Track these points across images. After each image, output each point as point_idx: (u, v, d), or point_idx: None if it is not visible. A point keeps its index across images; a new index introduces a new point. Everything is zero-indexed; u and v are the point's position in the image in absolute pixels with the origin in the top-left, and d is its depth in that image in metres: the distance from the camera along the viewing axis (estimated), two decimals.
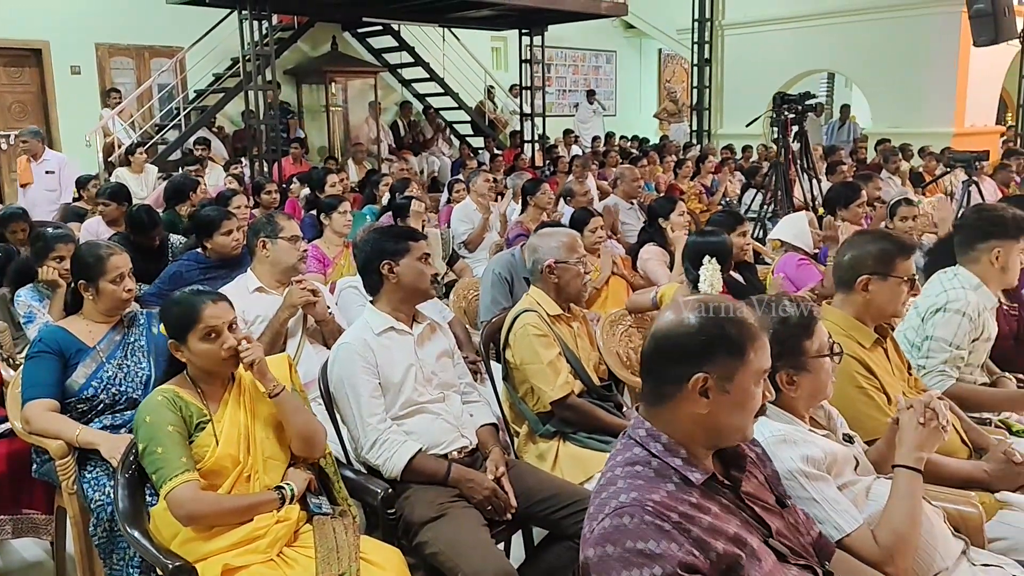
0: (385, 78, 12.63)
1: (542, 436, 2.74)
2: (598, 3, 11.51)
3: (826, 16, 12.42)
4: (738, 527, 1.45)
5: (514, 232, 5.18)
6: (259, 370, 2.17)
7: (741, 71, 13.65)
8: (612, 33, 16.69)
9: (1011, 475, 2.24)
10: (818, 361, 1.91)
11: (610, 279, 4.38)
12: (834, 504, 1.75)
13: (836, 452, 1.87)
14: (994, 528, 2.13)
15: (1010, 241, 2.76)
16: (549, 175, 10.33)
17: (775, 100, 7.06)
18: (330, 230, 4.59)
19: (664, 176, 9.70)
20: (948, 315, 2.71)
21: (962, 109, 11.72)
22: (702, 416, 1.46)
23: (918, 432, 1.84)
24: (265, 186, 6.64)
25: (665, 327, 1.50)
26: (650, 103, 17.57)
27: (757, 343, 1.48)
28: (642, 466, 1.46)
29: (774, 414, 1.91)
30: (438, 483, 2.35)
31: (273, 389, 2.17)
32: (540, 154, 12.13)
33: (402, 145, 12.23)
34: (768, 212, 7.03)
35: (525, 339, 2.73)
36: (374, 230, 2.65)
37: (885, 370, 2.39)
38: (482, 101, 13.27)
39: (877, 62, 12.13)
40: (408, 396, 2.44)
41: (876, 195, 5.96)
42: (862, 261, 2.38)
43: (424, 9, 10.46)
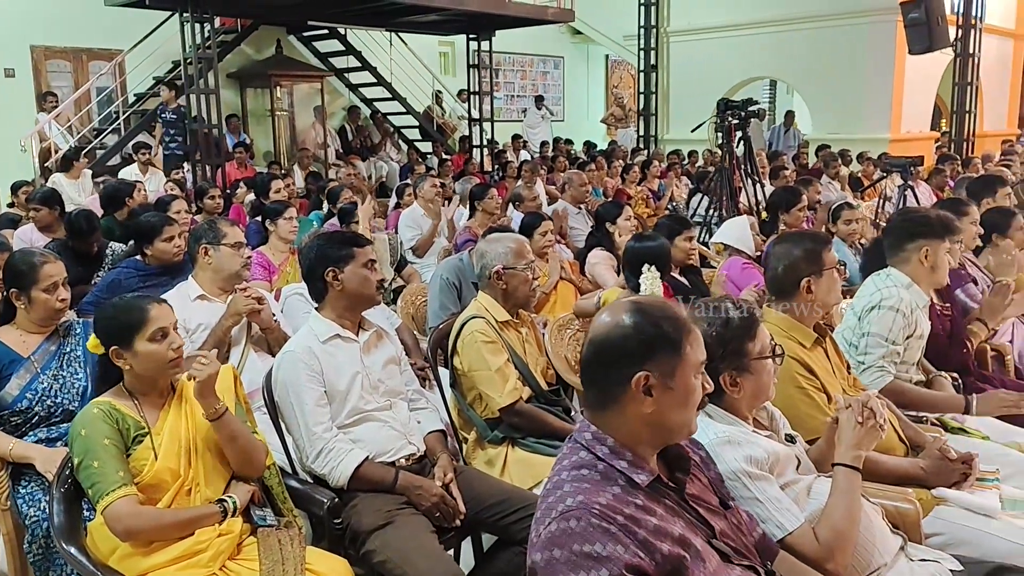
0: (332, 82, 12.52)
1: (491, 442, 2.73)
2: (545, 9, 11.59)
3: (767, 24, 12.69)
4: (683, 528, 1.46)
5: (462, 237, 5.17)
6: (201, 391, 2.10)
7: (686, 77, 13.86)
8: (560, 39, 16.80)
9: (946, 471, 2.30)
10: (760, 362, 1.95)
11: (558, 284, 4.39)
12: (776, 503, 1.79)
13: (778, 452, 1.90)
14: (931, 524, 2.19)
15: (936, 240, 2.86)
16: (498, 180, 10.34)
17: (719, 106, 7.18)
18: (276, 236, 4.53)
19: (612, 181, 9.79)
20: (883, 312, 2.80)
21: (898, 116, 12.07)
22: (648, 415, 1.48)
23: (856, 431, 1.89)
24: (208, 191, 6.51)
25: (602, 332, 1.51)
26: (598, 108, 17.73)
27: (691, 336, 1.51)
28: (588, 469, 1.47)
29: (718, 416, 1.93)
30: (385, 491, 2.33)
31: (214, 412, 2.11)
32: (489, 159, 12.15)
33: (350, 150, 12.13)
34: (714, 217, 7.14)
35: (473, 346, 2.72)
36: (317, 237, 2.62)
37: (825, 370, 2.44)
38: (430, 106, 13.24)
39: (816, 70, 12.44)
40: (354, 404, 2.42)
41: (817, 199, 6.10)
42: (795, 266, 2.44)
43: (370, 13, 10.40)
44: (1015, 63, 15.11)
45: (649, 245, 3.45)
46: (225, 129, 9.94)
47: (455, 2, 10.04)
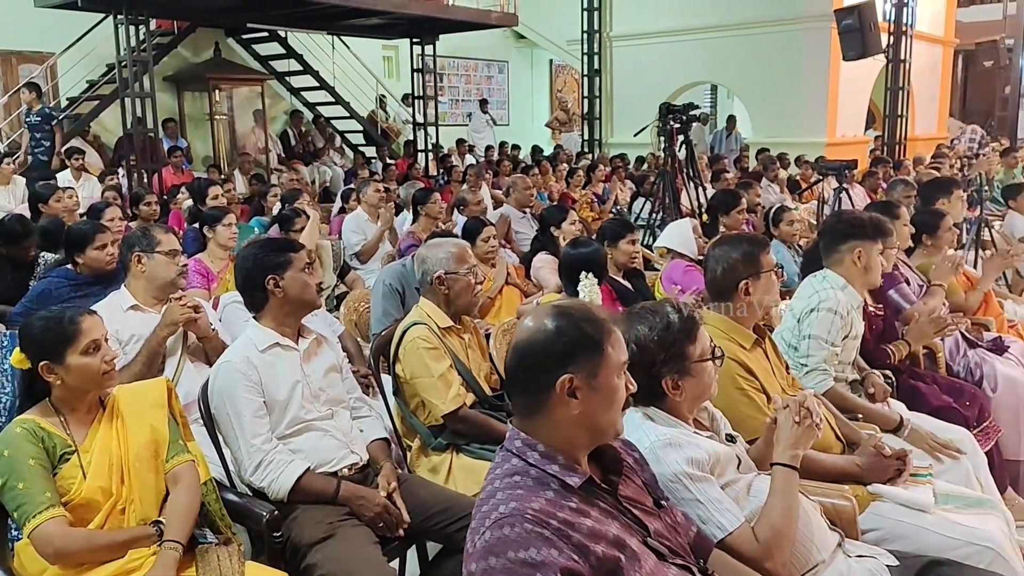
0: (273, 86, 12.33)
1: (434, 449, 2.71)
2: (488, 13, 11.60)
3: (708, 30, 12.90)
4: (618, 530, 1.47)
5: (406, 243, 5.13)
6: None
7: (630, 82, 14.00)
8: (504, 43, 16.83)
9: (881, 468, 2.35)
10: (701, 365, 1.97)
11: (503, 288, 4.39)
12: (717, 504, 1.80)
13: (719, 453, 1.92)
14: (867, 520, 2.24)
15: (869, 241, 2.93)
16: (443, 184, 10.31)
17: (661, 111, 7.27)
18: (214, 243, 4.43)
19: (557, 185, 9.84)
20: (821, 314, 2.85)
21: (834, 120, 12.38)
22: (575, 417, 1.49)
23: (793, 430, 1.92)
24: (144, 197, 6.35)
25: (524, 338, 1.52)
26: (542, 112, 17.81)
27: (612, 337, 1.53)
28: (520, 476, 1.47)
29: (660, 418, 1.94)
30: (327, 502, 2.29)
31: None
32: (434, 163, 12.10)
33: (292, 155, 11.96)
34: (657, 219, 7.22)
35: (415, 353, 2.69)
36: (251, 245, 2.57)
37: (765, 371, 2.48)
38: (374, 110, 13.14)
39: (755, 75, 12.68)
40: (295, 414, 2.37)
41: (756, 202, 6.22)
42: (734, 269, 2.47)
43: (311, 16, 10.28)
44: (944, 69, 15.62)
45: (584, 251, 3.46)
46: (162, 133, 9.71)
47: (397, 6, 9.99)
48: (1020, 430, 3.42)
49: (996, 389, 3.47)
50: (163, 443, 2.14)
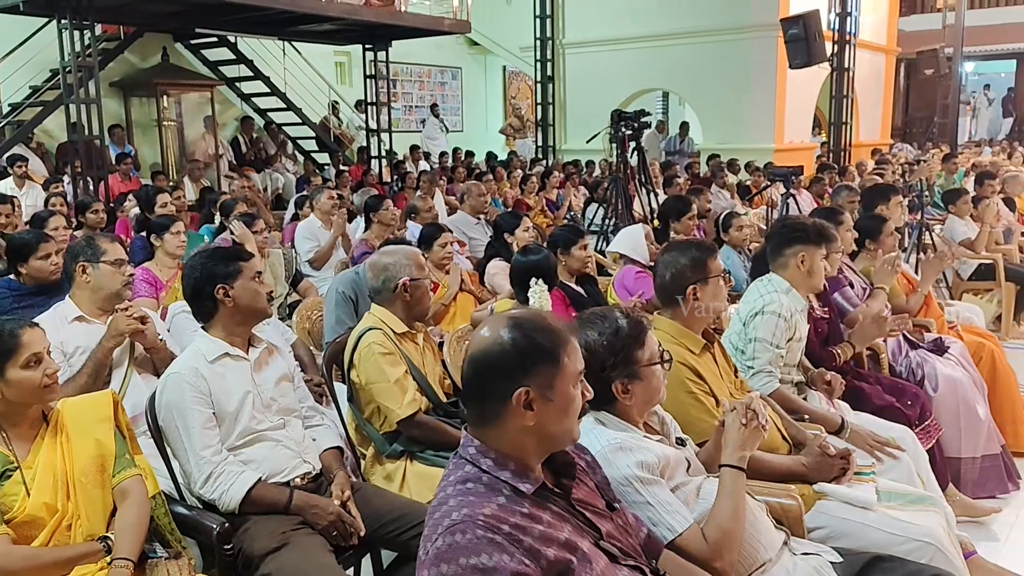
0: (223, 92, 12.16)
1: (389, 457, 2.70)
2: (441, 20, 11.59)
3: (658, 38, 13.07)
4: (570, 533, 1.49)
5: (359, 250, 5.10)
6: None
7: (582, 88, 14.13)
8: (457, 50, 16.85)
9: (826, 467, 2.42)
10: (650, 369, 2.00)
11: (458, 295, 4.39)
12: (667, 506, 1.83)
13: (669, 456, 1.96)
14: (813, 518, 2.30)
15: (812, 247, 3.01)
16: (397, 191, 10.28)
17: (613, 117, 7.35)
18: (162, 252, 4.35)
19: (511, 191, 9.87)
20: (766, 317, 2.92)
21: (781, 126, 12.64)
22: (530, 427, 1.50)
23: (740, 432, 1.96)
24: (91, 205, 6.21)
25: (480, 349, 1.52)
26: (496, 119, 17.86)
27: (568, 347, 1.54)
28: (473, 483, 1.48)
29: (610, 422, 1.97)
30: (280, 512, 2.27)
31: None
32: (388, 170, 12.05)
33: (243, 161, 11.80)
34: (610, 225, 7.29)
35: (371, 358, 2.68)
36: (199, 254, 2.53)
37: (713, 374, 2.52)
38: (326, 116, 13.04)
39: (705, 82, 12.90)
40: (246, 424, 2.35)
41: (707, 208, 6.32)
42: (682, 274, 2.51)
43: (261, 22, 10.16)
44: (887, 76, 16.07)
45: (534, 259, 3.49)
46: (108, 140, 9.51)
47: (349, 12, 9.93)
48: (960, 428, 3.53)
49: (937, 389, 3.58)
50: (109, 457, 2.11)
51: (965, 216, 6.25)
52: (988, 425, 3.59)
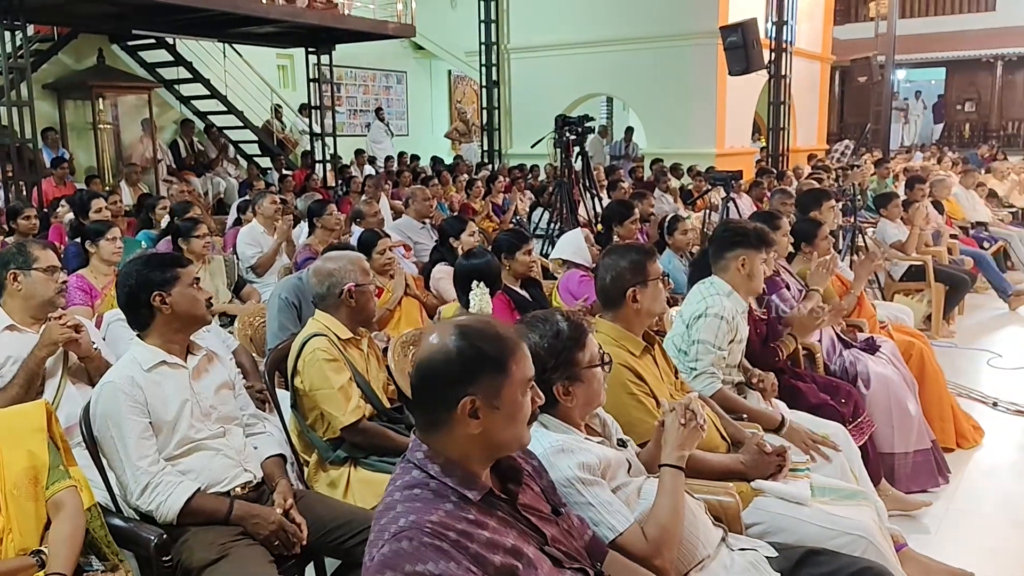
0: (161, 94, 11.92)
1: (332, 463, 2.68)
2: (385, 24, 11.54)
3: (601, 44, 13.22)
4: (515, 539, 1.50)
5: (303, 255, 5.05)
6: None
7: (528, 93, 14.21)
8: (402, 53, 16.80)
9: (763, 464, 2.48)
10: (591, 371, 2.03)
11: (403, 300, 4.37)
12: (608, 506, 1.86)
13: (610, 457, 1.99)
14: (750, 514, 2.35)
15: (752, 250, 3.08)
16: (342, 195, 10.19)
17: (557, 122, 7.41)
18: (97, 258, 4.25)
19: (457, 196, 9.87)
20: (708, 319, 2.98)
21: (722, 132, 12.89)
22: (476, 435, 1.50)
23: (679, 433, 2.00)
24: (23, 211, 6.02)
25: (426, 356, 1.52)
26: (442, 123, 17.84)
27: (518, 355, 1.54)
28: (420, 488, 1.48)
29: (552, 425, 1.99)
30: (220, 523, 2.24)
31: None
32: (332, 174, 11.94)
33: (183, 165, 11.57)
34: (556, 229, 7.35)
35: (315, 364, 2.66)
36: (134, 260, 2.48)
37: (654, 376, 2.57)
38: (269, 120, 12.87)
39: (648, 88, 13.08)
40: (184, 434, 2.31)
41: (650, 211, 6.41)
42: (622, 277, 2.55)
43: (200, 24, 9.98)
44: (822, 84, 16.50)
45: (476, 263, 3.50)
46: (42, 144, 9.23)
47: (291, 15, 9.82)
48: (893, 424, 3.65)
49: (869, 386, 3.69)
50: (43, 469, 2.05)
51: (896, 219, 6.46)
52: (919, 421, 3.72)
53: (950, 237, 7.21)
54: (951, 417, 4.10)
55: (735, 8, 12.11)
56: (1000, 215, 8.96)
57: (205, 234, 4.88)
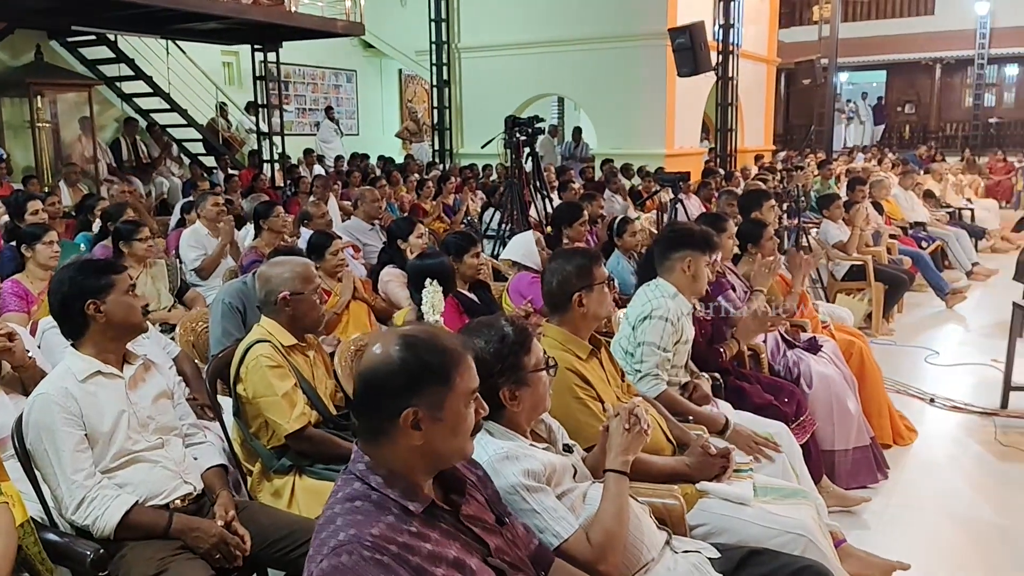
0: (102, 92, 11.60)
1: (276, 472, 2.64)
2: (334, 22, 11.41)
3: (552, 44, 13.26)
4: (458, 551, 1.49)
5: (249, 258, 4.96)
6: None
7: (479, 93, 14.19)
8: (352, 52, 16.63)
9: (708, 466, 2.51)
10: (536, 375, 2.03)
11: (351, 303, 4.33)
12: (552, 513, 1.87)
13: (555, 463, 1.99)
14: (695, 516, 2.38)
15: (698, 252, 3.12)
16: (290, 196, 10.05)
17: (507, 123, 7.40)
18: (33, 263, 4.13)
19: (407, 196, 9.81)
20: (654, 321, 3.01)
21: (672, 132, 13.02)
22: (419, 446, 1.49)
23: (624, 437, 2.01)
24: None
25: (369, 366, 1.51)
26: (392, 122, 17.71)
27: (462, 366, 1.53)
28: (362, 500, 1.47)
29: (498, 432, 1.99)
30: (159, 537, 2.18)
31: None
32: (280, 174, 11.77)
33: (125, 165, 11.29)
34: (507, 230, 7.35)
35: (258, 371, 2.61)
36: (67, 267, 2.41)
37: (600, 379, 2.59)
38: (214, 118, 12.63)
39: (598, 88, 13.16)
40: (121, 446, 2.25)
41: (599, 212, 6.45)
42: (568, 281, 2.56)
43: (142, 20, 9.75)
44: (768, 85, 16.81)
45: (431, 263, 3.49)
46: None
47: (236, 11, 9.65)
48: (833, 423, 3.74)
49: (812, 386, 3.77)
50: None
51: (838, 220, 6.61)
52: (858, 419, 3.82)
53: (889, 237, 7.40)
54: (888, 414, 4.21)
55: (683, 10, 12.25)
56: (937, 215, 9.22)
57: (147, 237, 4.77)
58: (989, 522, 3.47)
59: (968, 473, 3.95)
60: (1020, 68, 21.38)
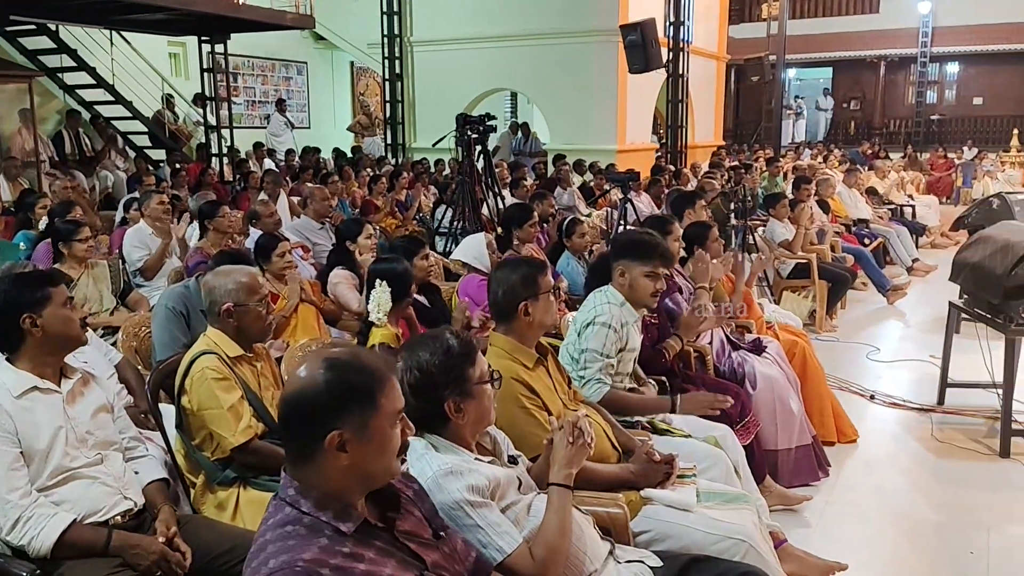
0: (44, 83, 11.26)
1: (221, 484, 2.61)
2: (283, 14, 11.23)
3: (505, 39, 13.26)
4: (394, 568, 1.51)
5: (194, 259, 4.87)
6: None
7: (432, 87, 14.12)
8: (303, 44, 16.40)
9: (652, 473, 2.56)
10: (481, 387, 2.04)
11: (299, 306, 4.28)
12: (496, 528, 1.88)
13: (499, 476, 2.00)
14: (640, 522, 2.42)
15: (632, 261, 3.15)
16: (240, 191, 9.90)
17: (458, 121, 7.39)
18: None
19: (359, 191, 9.73)
20: (596, 328, 3.05)
21: (623, 128, 13.14)
22: (346, 468, 1.50)
23: (567, 451, 2.03)
24: None
25: (294, 390, 1.52)
26: (344, 115, 17.53)
27: (387, 387, 1.55)
28: (293, 525, 1.47)
29: (442, 446, 1.99)
30: (98, 555, 2.14)
31: None
32: (229, 168, 11.57)
33: (67, 158, 10.99)
34: (459, 227, 7.34)
35: (203, 383, 2.57)
36: (1, 279, 2.35)
37: (547, 388, 2.60)
38: (160, 111, 12.36)
39: (551, 83, 13.21)
40: (58, 463, 2.20)
41: (550, 212, 6.48)
42: (513, 291, 2.57)
43: (85, 10, 9.49)
44: (718, 82, 17.04)
45: (391, 267, 3.42)
46: None
47: (182, 2, 9.43)
48: (776, 423, 3.82)
49: (756, 387, 3.85)
50: None
51: (784, 219, 6.74)
52: (800, 418, 3.90)
53: (835, 234, 7.58)
54: (831, 412, 4.32)
55: (635, 7, 12.34)
56: (880, 212, 9.46)
57: (88, 237, 4.66)
58: (925, 519, 3.59)
59: (906, 470, 4.08)
60: (960, 66, 22.03)
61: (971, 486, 3.88)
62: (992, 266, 4.21)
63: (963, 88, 22.18)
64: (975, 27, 19.52)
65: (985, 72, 21.39)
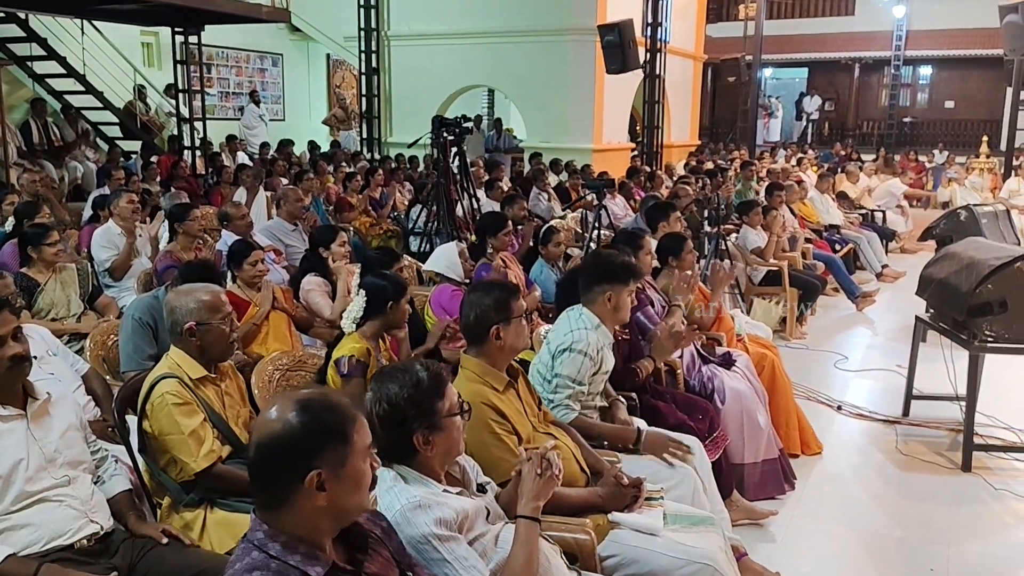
0: (12, 71, 11.06)
1: (186, 506, 2.59)
2: (259, 7, 11.11)
3: (482, 35, 13.20)
4: None
5: (163, 263, 4.79)
6: None
7: (409, 81, 14.03)
8: (278, 35, 16.23)
9: (620, 496, 2.58)
10: (450, 420, 2.04)
11: (270, 314, 4.24)
12: (463, 562, 1.89)
13: (467, 509, 2.01)
14: (607, 547, 2.44)
15: (619, 285, 3.17)
16: (213, 185, 9.80)
17: (434, 123, 7.36)
18: None
19: (334, 187, 9.66)
20: (573, 355, 3.05)
21: (600, 127, 13.15)
22: (323, 507, 1.52)
23: (535, 483, 2.05)
24: None
25: (267, 433, 1.53)
26: (319, 108, 17.39)
27: (357, 424, 1.58)
28: (261, 571, 1.47)
29: (411, 478, 2.00)
30: None
31: None
32: (202, 161, 11.44)
33: (35, 149, 10.80)
34: (433, 227, 7.34)
35: (163, 409, 2.54)
36: None
37: (516, 411, 2.62)
38: (132, 101, 12.18)
39: (528, 81, 13.18)
40: (21, 488, 2.17)
41: (523, 215, 6.49)
42: (485, 315, 2.58)
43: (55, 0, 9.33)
44: (695, 81, 17.09)
45: (375, 282, 3.34)
46: None
47: None
48: (744, 437, 3.86)
49: (725, 401, 3.88)
50: None
51: (756, 226, 6.80)
52: (768, 432, 3.95)
53: (806, 240, 7.65)
54: (797, 425, 4.37)
55: (613, 7, 12.34)
56: (851, 217, 9.56)
57: (57, 241, 4.60)
58: (888, 535, 3.65)
59: (870, 483, 4.14)
60: (933, 69, 22.30)
61: (933, 501, 3.95)
62: (957, 283, 4.27)
63: (935, 91, 22.46)
64: (949, 31, 19.75)
65: (957, 76, 21.68)
